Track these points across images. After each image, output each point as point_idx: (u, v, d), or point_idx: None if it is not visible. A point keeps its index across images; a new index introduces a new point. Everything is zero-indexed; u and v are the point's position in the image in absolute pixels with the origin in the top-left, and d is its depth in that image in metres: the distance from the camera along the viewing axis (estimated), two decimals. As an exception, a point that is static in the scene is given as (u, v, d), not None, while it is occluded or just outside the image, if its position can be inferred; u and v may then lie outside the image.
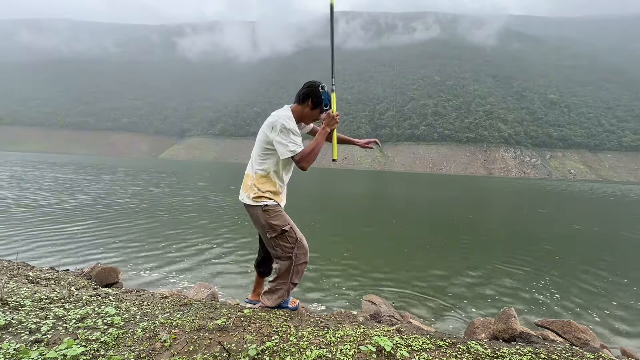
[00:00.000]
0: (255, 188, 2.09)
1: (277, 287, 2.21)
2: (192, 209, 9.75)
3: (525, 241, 7.62)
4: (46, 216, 7.50)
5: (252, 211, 2.13)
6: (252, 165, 2.15)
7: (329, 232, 7.63)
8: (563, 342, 2.07)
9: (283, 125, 1.97)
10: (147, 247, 5.50)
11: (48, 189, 12.53)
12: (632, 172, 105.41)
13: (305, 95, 2.15)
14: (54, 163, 37.72)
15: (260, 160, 2.10)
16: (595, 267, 5.53)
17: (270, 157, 2.08)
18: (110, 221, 7.36)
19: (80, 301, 2.07)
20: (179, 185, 17.74)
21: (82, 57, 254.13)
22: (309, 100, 2.15)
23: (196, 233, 6.69)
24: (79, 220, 7.29)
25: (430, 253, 6.05)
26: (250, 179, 2.13)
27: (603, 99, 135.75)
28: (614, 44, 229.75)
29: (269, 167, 2.09)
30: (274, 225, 2.08)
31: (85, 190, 12.81)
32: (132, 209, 9.18)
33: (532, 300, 3.98)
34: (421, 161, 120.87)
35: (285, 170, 2.17)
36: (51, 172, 21.92)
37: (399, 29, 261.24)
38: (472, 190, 26.40)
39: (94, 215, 7.88)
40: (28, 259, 4.37)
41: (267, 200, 2.08)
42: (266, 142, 2.05)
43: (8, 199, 9.58)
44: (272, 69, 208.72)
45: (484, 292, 4.16)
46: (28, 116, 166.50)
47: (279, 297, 2.22)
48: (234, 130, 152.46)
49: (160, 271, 4.36)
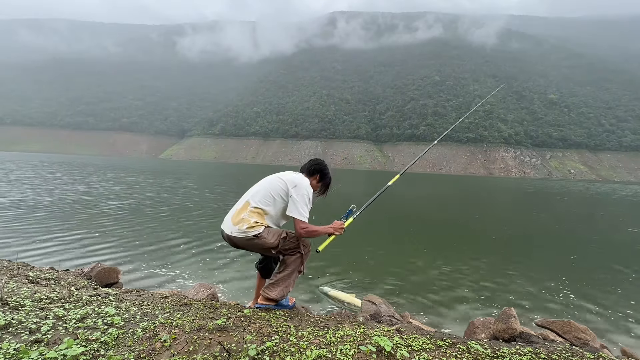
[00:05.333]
0: (249, 219, 2.19)
1: (284, 278, 2.30)
2: (202, 210, 9.75)
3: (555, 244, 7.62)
4: (46, 216, 7.50)
5: (243, 242, 2.21)
6: (253, 200, 2.26)
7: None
8: (563, 342, 2.06)
9: (308, 194, 2.29)
10: (147, 247, 5.50)
11: (53, 189, 12.53)
12: (632, 172, 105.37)
13: (314, 170, 2.52)
14: (71, 164, 37.70)
15: (267, 201, 2.26)
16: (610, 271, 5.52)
17: (278, 203, 2.27)
18: (111, 221, 7.36)
19: (80, 301, 2.07)
20: (215, 186, 17.72)
21: (82, 57, 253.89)
22: (317, 175, 2.52)
23: (196, 233, 6.69)
24: (78, 220, 7.29)
25: (431, 253, 6.05)
26: (245, 211, 2.23)
27: (603, 99, 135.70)
28: (614, 44, 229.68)
29: (270, 210, 2.26)
30: (272, 243, 2.21)
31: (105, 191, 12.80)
32: (134, 209, 9.18)
33: (532, 300, 3.98)
34: (421, 161, 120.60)
35: (281, 218, 2.36)
36: (67, 173, 21.89)
37: (399, 29, 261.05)
38: (486, 190, 26.39)
39: (98, 216, 7.88)
40: (28, 259, 4.37)
41: (258, 228, 2.18)
42: (283, 192, 2.27)
43: (7, 199, 9.57)
44: (272, 69, 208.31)
45: (484, 292, 4.16)
46: (28, 116, 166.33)
47: (285, 287, 2.29)
48: (234, 130, 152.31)
49: (160, 271, 4.36)
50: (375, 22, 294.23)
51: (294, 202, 2.22)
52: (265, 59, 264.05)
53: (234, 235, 2.20)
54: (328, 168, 2.58)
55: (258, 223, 2.20)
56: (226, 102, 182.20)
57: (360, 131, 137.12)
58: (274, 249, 2.24)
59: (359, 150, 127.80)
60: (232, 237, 2.21)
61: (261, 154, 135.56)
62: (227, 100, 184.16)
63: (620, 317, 3.60)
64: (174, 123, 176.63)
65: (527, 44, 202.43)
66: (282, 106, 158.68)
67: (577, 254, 6.45)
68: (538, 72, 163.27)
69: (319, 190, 2.57)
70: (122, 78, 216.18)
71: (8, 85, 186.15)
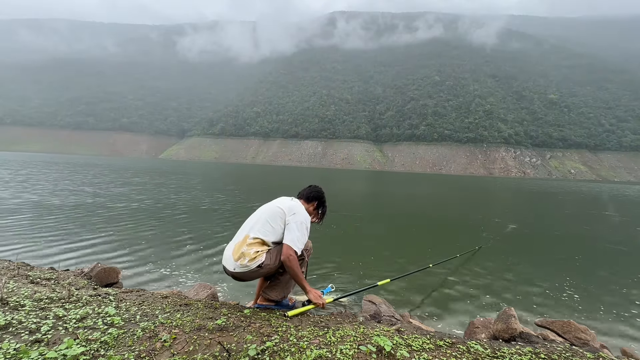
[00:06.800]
0: (249, 252, 2.17)
1: (286, 279, 2.33)
2: (206, 210, 9.75)
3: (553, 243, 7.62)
4: (47, 216, 7.50)
5: (248, 275, 2.19)
6: (252, 231, 2.24)
7: (330, 231, 7.62)
8: (563, 342, 2.06)
9: (306, 223, 2.30)
10: (147, 247, 5.50)
11: (54, 188, 12.53)
12: (632, 172, 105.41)
13: (313, 197, 2.57)
14: (75, 164, 37.71)
15: (266, 230, 2.24)
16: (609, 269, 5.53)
17: (278, 231, 2.26)
18: (112, 221, 7.36)
19: (80, 301, 2.07)
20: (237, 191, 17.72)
21: (82, 57, 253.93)
22: (315, 202, 2.58)
23: (197, 233, 6.69)
24: (79, 220, 7.29)
25: (433, 252, 6.04)
26: (244, 245, 2.20)
27: (603, 99, 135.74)
28: (614, 44, 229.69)
29: (270, 239, 2.24)
30: (275, 266, 2.22)
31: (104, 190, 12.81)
32: (136, 209, 9.18)
33: (532, 300, 3.97)
34: (421, 161, 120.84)
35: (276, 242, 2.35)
36: (73, 174, 21.90)
37: (399, 29, 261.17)
38: (487, 190, 26.41)
39: (98, 215, 7.88)
40: (28, 259, 4.37)
41: (260, 257, 2.16)
42: (281, 220, 2.27)
43: (9, 199, 9.58)
44: (272, 69, 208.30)
45: (484, 292, 4.16)
46: (28, 116, 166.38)
47: (286, 289, 2.32)
48: (234, 130, 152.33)
49: (160, 271, 4.35)
50: (375, 22, 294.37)
51: (290, 229, 2.21)
52: (265, 59, 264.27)
53: (237, 272, 2.17)
54: (325, 196, 2.64)
55: (259, 252, 2.17)
56: (226, 102, 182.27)
57: (360, 131, 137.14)
58: (281, 269, 2.25)
59: (359, 150, 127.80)
60: (235, 274, 2.19)
61: (261, 154, 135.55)
62: (227, 100, 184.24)
63: (620, 317, 3.60)
64: (174, 123, 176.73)
65: (527, 44, 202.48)
66: (282, 106, 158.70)
67: (582, 254, 6.44)
68: (538, 72, 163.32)
69: (315, 217, 2.63)
70: (122, 78, 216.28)
71: (8, 85, 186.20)
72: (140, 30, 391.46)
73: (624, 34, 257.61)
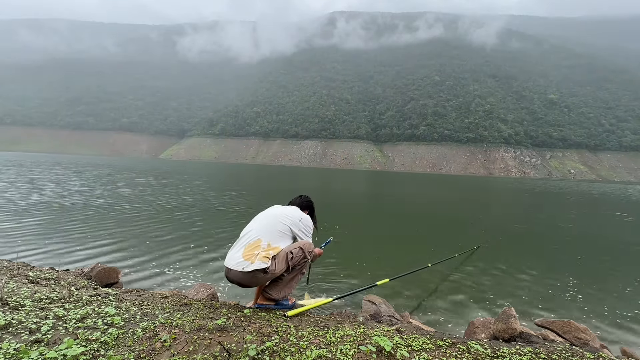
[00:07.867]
0: (262, 255, 2.21)
1: (287, 279, 2.36)
2: (206, 210, 9.75)
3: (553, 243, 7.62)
4: (47, 216, 7.50)
5: (253, 279, 2.22)
6: (265, 238, 2.32)
7: (330, 232, 7.62)
8: (563, 342, 2.06)
9: (311, 227, 2.64)
10: (147, 247, 5.50)
11: (60, 189, 12.53)
12: (632, 172, 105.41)
13: (306, 206, 2.86)
14: (77, 164, 37.69)
15: (279, 237, 2.38)
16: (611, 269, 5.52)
17: (287, 238, 2.44)
18: (112, 221, 7.36)
19: (80, 301, 2.07)
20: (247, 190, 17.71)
21: (82, 57, 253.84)
22: (307, 210, 2.86)
23: (197, 233, 6.69)
24: (79, 220, 7.29)
25: (432, 252, 6.04)
26: (258, 247, 2.26)
27: (603, 99, 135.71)
28: (614, 44, 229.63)
29: (280, 246, 2.36)
30: (282, 270, 2.28)
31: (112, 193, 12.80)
32: (137, 210, 9.18)
33: (532, 300, 3.97)
34: (421, 161, 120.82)
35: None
36: (78, 174, 21.89)
37: (399, 29, 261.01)
38: (487, 190, 26.39)
39: (100, 216, 7.88)
40: (28, 258, 4.37)
41: (268, 261, 2.19)
42: (288, 229, 2.46)
43: (9, 199, 9.57)
44: (272, 69, 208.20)
45: (484, 291, 4.15)
46: (28, 116, 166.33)
47: (287, 288, 2.35)
48: (234, 130, 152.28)
49: (160, 271, 4.35)
50: (375, 22, 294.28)
51: (304, 232, 2.51)
52: (265, 59, 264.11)
53: (246, 271, 2.16)
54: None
55: (268, 257, 2.23)
56: (226, 102, 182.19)
57: (360, 131, 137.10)
58: (286, 272, 2.31)
59: (358, 150, 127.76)
60: (241, 277, 2.19)
61: (261, 153, 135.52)
62: (227, 100, 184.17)
63: (620, 317, 3.60)
64: (174, 123, 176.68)
65: (527, 44, 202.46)
66: (282, 106, 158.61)
67: (585, 254, 6.44)
68: (538, 72, 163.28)
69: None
70: (122, 78, 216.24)
71: (8, 85, 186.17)
72: (140, 30, 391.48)
73: (624, 34, 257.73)
